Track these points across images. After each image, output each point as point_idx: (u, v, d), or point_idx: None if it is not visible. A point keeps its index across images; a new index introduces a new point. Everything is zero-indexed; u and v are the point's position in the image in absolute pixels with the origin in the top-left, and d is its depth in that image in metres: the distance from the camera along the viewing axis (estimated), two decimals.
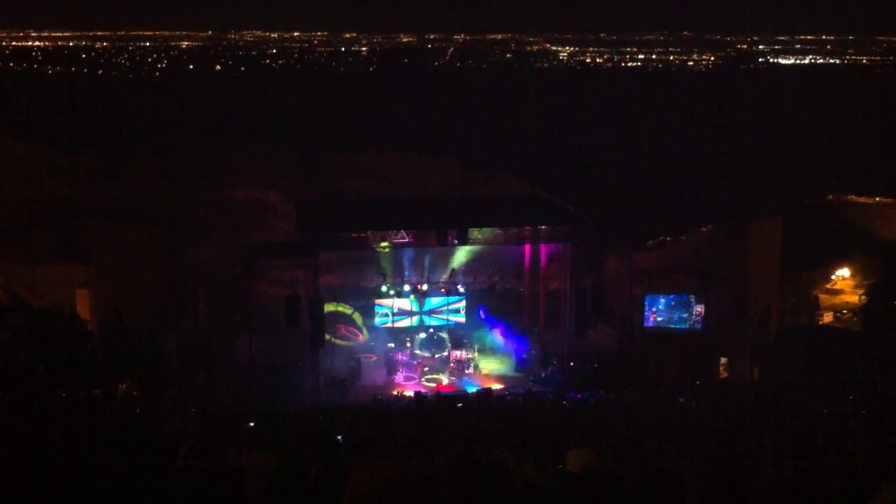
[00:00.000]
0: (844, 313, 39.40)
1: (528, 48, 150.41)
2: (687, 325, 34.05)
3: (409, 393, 32.76)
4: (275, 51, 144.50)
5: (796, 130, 48.23)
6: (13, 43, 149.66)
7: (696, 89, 74.19)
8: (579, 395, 29.79)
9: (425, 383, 33.29)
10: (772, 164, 43.10)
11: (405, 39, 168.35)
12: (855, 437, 13.62)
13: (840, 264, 41.49)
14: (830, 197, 45.58)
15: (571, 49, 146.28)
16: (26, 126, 39.61)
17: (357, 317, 36.17)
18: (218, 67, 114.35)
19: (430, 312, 35.87)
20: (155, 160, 37.69)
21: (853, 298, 39.97)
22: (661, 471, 10.69)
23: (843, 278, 41.51)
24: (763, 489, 9.23)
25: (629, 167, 41.10)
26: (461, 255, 35.59)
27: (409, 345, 35.73)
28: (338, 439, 12.65)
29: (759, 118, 51.70)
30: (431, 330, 36.10)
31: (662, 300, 34.12)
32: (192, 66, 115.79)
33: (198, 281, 32.94)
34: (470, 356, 35.21)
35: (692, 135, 46.49)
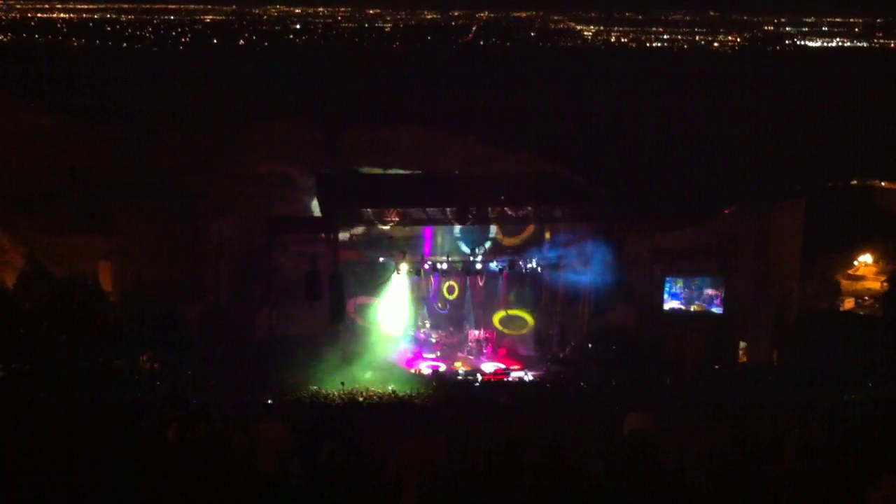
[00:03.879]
0: (866, 299, 39.11)
1: (553, 26, 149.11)
2: (706, 307, 33.99)
3: (427, 370, 33.00)
4: (298, 26, 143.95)
5: (822, 113, 47.67)
6: (38, 15, 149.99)
7: (722, 70, 73.42)
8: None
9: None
10: (796, 146, 42.68)
11: (429, 16, 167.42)
12: (874, 424, 13.55)
13: (863, 250, 41.17)
14: (855, 181, 45.13)
15: (596, 28, 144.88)
16: (51, 97, 39.73)
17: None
18: (241, 42, 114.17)
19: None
20: (178, 133, 37.77)
21: (875, 285, 39.66)
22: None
23: (866, 264, 41.22)
24: (783, 474, 9.21)
25: (652, 147, 40.80)
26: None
27: (427, 323, 35.86)
28: (352, 415, 12.75)
29: (785, 100, 51.14)
30: (449, 307, 36.21)
31: (681, 282, 34.05)
32: (215, 41, 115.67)
33: (219, 253, 33.09)
34: (488, 335, 35.32)
35: (716, 116, 46.04)
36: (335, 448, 10.09)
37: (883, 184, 44.58)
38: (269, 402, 16.85)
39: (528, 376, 32.05)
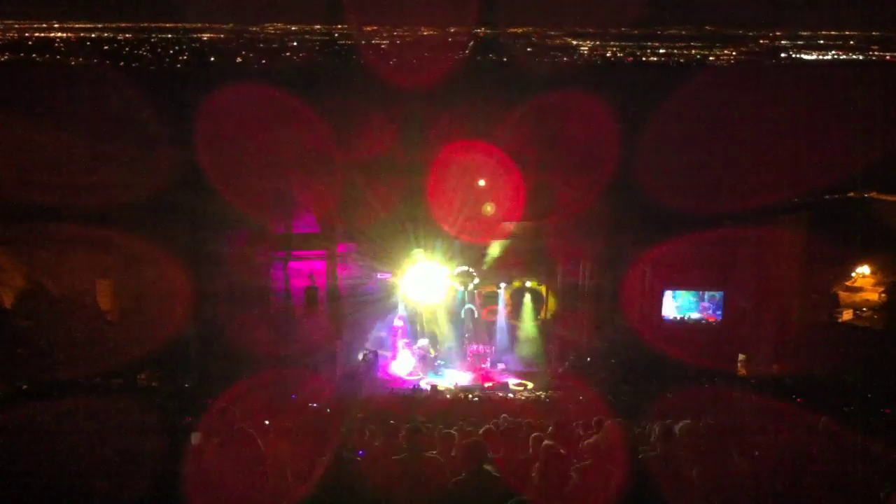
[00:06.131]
0: (864, 311, 39.00)
1: (549, 42, 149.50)
2: (703, 319, 33.96)
3: (426, 385, 32.92)
4: (296, 43, 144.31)
5: (819, 126, 47.77)
6: (36, 34, 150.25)
7: (719, 84, 73.70)
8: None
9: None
10: (793, 159, 42.73)
11: (426, 32, 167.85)
12: (874, 437, 13.51)
13: (861, 261, 41.08)
14: (852, 193, 45.10)
15: (592, 43, 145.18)
16: (49, 115, 39.81)
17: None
18: (239, 59, 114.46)
19: None
20: (176, 149, 37.80)
21: (873, 296, 39.58)
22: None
23: (864, 275, 41.09)
24: (781, 487, 9.20)
25: (648, 160, 40.86)
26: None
27: (425, 338, 35.82)
28: (350, 428, 12.71)
29: (782, 113, 51.25)
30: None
31: (680, 294, 34.04)
32: (213, 58, 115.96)
33: (218, 270, 33.03)
34: (487, 350, 35.26)
35: (713, 129, 46.17)
36: (332, 465, 10.09)
37: (880, 195, 44.55)
38: (266, 419, 16.77)
39: (526, 392, 32.00)
